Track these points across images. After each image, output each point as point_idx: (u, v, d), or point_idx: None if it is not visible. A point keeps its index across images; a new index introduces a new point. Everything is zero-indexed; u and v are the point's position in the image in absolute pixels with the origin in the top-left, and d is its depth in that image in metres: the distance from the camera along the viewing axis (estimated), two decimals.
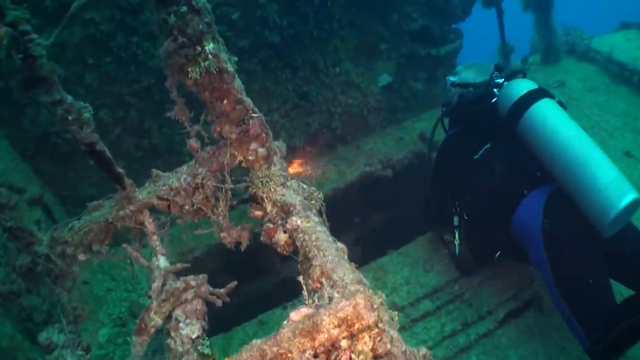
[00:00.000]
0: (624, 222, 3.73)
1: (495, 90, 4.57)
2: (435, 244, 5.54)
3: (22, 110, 5.43)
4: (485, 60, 5.49)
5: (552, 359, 4.47)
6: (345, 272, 1.99)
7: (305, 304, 1.97)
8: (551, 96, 4.13)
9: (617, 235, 3.77)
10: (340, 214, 6.85)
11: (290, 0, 5.95)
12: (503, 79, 4.63)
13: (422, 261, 5.38)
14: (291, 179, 2.71)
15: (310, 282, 2.11)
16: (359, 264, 5.97)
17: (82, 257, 2.65)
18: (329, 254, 2.10)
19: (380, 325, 1.63)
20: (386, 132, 7.47)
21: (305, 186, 2.72)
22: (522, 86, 4.20)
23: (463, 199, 4.78)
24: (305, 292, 2.12)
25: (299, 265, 2.30)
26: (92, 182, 5.95)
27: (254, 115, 2.48)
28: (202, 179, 2.58)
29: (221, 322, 4.93)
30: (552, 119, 3.93)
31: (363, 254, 7.05)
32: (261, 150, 2.57)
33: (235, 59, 2.39)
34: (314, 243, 2.18)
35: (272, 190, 2.61)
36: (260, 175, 2.63)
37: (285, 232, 2.41)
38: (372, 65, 7.13)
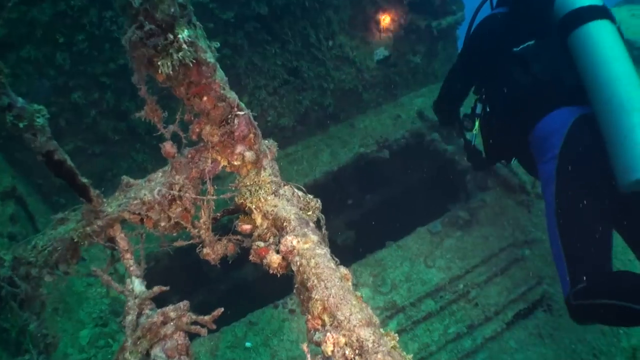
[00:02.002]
0: None
1: None
2: (437, 231, 5.26)
3: None
4: None
5: None
6: (352, 309, 1.67)
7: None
8: (612, 19, 3.68)
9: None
10: (332, 196, 6.76)
11: None
12: None
13: (424, 256, 5.09)
14: (285, 185, 2.35)
15: (309, 317, 1.78)
16: (352, 249, 5.71)
17: (48, 278, 2.30)
18: (331, 285, 1.77)
19: None
20: (382, 110, 7.22)
21: (300, 193, 2.37)
22: None
23: (491, 88, 4.47)
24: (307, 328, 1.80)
25: (294, 290, 1.97)
26: None
27: (239, 113, 2.11)
28: (180, 190, 2.21)
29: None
30: (606, 46, 3.54)
31: (357, 238, 6.89)
32: (249, 154, 2.20)
33: (217, 45, 2.02)
34: (313, 270, 1.84)
35: (263, 200, 2.26)
36: (248, 183, 2.27)
37: (278, 252, 2.07)
38: (367, 37, 6.83)
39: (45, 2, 4.81)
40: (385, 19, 6.68)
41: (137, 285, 2.19)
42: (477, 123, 4.60)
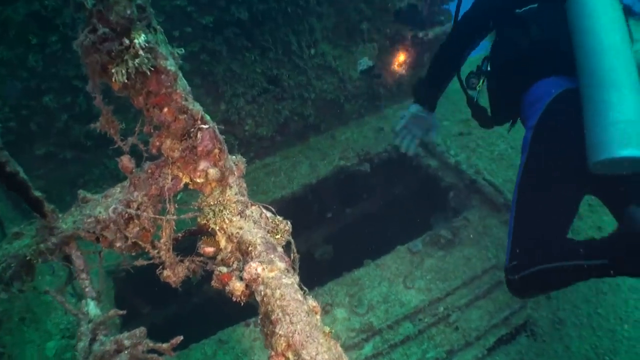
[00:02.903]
0: (613, 171, 3.29)
1: None
2: (418, 250, 5.12)
3: None
4: None
5: None
6: (319, 348, 1.54)
7: None
8: None
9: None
10: (310, 209, 6.72)
11: None
12: None
13: (403, 276, 4.95)
14: (252, 205, 2.20)
15: (272, 353, 1.64)
16: (330, 264, 5.58)
17: (3, 295, 2.14)
18: (297, 319, 1.62)
19: None
20: (365, 121, 7.10)
21: (269, 214, 2.22)
22: None
23: (492, 48, 4.46)
24: None
25: (259, 320, 1.83)
26: (40, 175, 5.51)
27: (203, 126, 1.95)
28: (138, 208, 2.06)
29: None
30: (598, 14, 3.41)
31: (335, 252, 6.78)
32: (212, 172, 2.05)
33: (181, 51, 1.86)
34: (278, 302, 1.70)
35: (227, 221, 2.10)
36: (212, 203, 2.12)
37: (242, 279, 1.92)
38: (351, 46, 6.70)
39: (19, 1, 4.66)
40: (400, 57, 6.64)
41: (92, 308, 2.05)
42: (481, 81, 4.58)
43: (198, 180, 2.09)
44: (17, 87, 5.02)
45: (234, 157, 2.25)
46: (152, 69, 1.67)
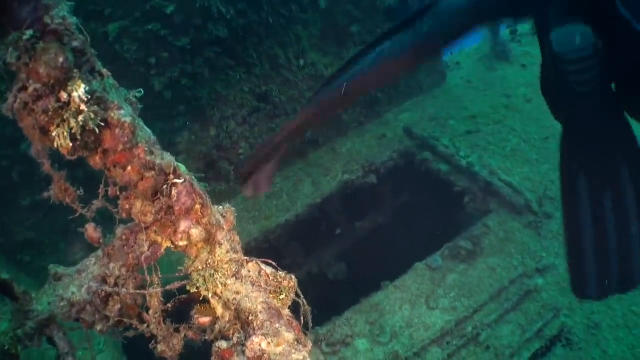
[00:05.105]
0: None
1: None
2: (438, 266, 4.89)
3: None
4: None
5: None
6: None
7: None
8: None
9: None
10: (318, 228, 6.52)
11: None
12: None
13: (425, 296, 4.73)
14: (248, 262, 1.91)
15: None
16: (345, 284, 5.30)
17: None
18: None
19: None
20: (365, 130, 6.88)
21: (269, 271, 1.93)
22: None
23: None
24: None
25: None
26: (29, 226, 5.29)
27: (177, 181, 1.67)
28: (116, 283, 1.79)
29: None
30: None
31: (349, 269, 6.58)
32: (196, 232, 1.76)
33: (139, 93, 1.59)
34: None
35: (221, 285, 1.82)
36: (200, 267, 1.84)
37: (245, 355, 1.64)
38: (342, 52, 6.46)
39: None
40: None
41: None
42: None
43: (180, 244, 1.80)
44: None
45: (221, 207, 1.96)
46: (103, 124, 1.39)
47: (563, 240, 3.38)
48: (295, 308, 1.92)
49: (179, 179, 1.68)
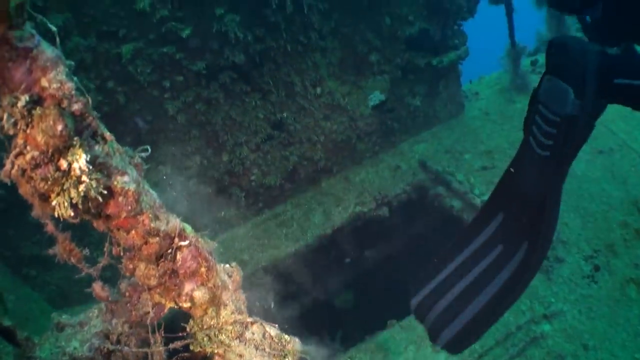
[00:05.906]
0: None
1: None
2: None
3: None
4: None
5: None
6: None
7: None
8: None
9: None
10: (327, 256, 6.43)
11: (256, 9, 5.18)
12: None
13: None
14: (253, 323, 1.85)
15: None
16: (350, 314, 5.25)
17: None
18: None
19: None
20: (380, 159, 6.82)
21: (274, 333, 1.87)
22: None
23: None
24: None
25: None
26: (36, 240, 5.29)
27: (183, 243, 1.60)
28: (118, 340, 1.73)
29: None
30: None
31: (355, 299, 6.52)
32: (199, 295, 1.70)
33: (146, 152, 1.52)
34: None
35: (225, 347, 1.76)
36: (205, 327, 1.77)
37: None
38: (360, 81, 6.39)
39: None
40: None
41: None
42: None
43: (184, 305, 1.74)
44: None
45: (227, 266, 1.90)
46: (106, 192, 1.32)
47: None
48: None
49: (184, 241, 1.62)
